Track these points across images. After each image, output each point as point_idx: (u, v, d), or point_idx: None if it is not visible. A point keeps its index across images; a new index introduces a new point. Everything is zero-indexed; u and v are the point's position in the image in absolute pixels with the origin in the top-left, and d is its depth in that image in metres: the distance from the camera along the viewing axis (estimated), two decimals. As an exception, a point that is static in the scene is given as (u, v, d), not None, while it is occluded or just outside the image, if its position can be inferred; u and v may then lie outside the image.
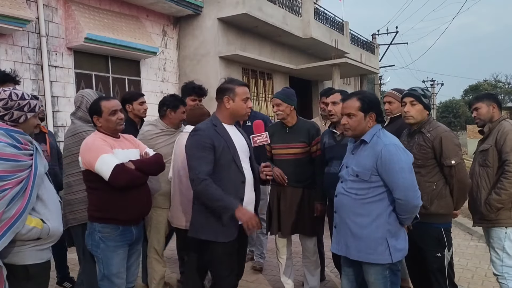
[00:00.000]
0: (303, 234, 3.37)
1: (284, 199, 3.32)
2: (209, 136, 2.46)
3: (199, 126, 2.55)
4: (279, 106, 3.27)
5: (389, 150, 2.21)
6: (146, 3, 9.66)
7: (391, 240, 2.25)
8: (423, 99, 2.75)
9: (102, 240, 2.53)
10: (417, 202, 2.20)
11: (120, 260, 2.59)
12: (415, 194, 2.19)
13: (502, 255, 2.90)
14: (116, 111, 2.61)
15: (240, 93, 2.58)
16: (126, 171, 2.48)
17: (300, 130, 3.33)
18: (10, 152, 1.99)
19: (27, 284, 2.06)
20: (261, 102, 12.67)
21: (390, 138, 2.31)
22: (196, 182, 2.39)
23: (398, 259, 2.27)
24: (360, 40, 18.77)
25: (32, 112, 2.17)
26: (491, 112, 3.05)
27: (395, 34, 28.09)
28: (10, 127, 2.09)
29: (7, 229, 1.92)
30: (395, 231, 2.27)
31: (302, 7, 13.31)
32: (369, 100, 2.34)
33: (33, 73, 7.54)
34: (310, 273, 3.44)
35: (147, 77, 10.03)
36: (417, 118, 2.77)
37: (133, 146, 2.76)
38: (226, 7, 10.43)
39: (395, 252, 2.25)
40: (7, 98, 2.09)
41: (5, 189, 1.93)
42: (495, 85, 46.11)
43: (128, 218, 2.58)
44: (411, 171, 2.22)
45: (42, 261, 2.11)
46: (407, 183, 2.18)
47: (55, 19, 7.97)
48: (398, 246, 2.27)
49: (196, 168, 2.40)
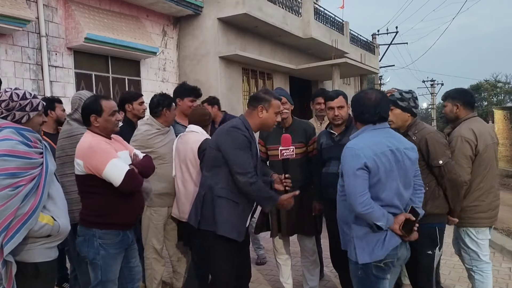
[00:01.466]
0: (303, 234, 3.37)
1: None
2: (248, 137, 2.56)
3: (237, 124, 2.59)
4: (285, 105, 3.26)
5: (345, 152, 2.24)
6: (146, 3, 9.67)
7: (357, 240, 2.26)
8: (399, 102, 2.75)
9: (102, 247, 2.45)
10: (357, 208, 2.15)
11: (117, 266, 2.56)
12: (355, 200, 2.15)
13: (468, 250, 3.01)
14: (116, 112, 2.57)
15: (275, 106, 2.64)
16: (136, 176, 2.46)
17: (297, 130, 3.33)
18: (23, 149, 2.04)
19: (35, 282, 2.09)
20: (261, 102, 12.65)
21: (356, 141, 2.26)
22: (249, 174, 2.47)
23: (365, 261, 2.23)
24: (360, 40, 18.78)
25: (35, 111, 2.18)
26: (454, 112, 3.04)
27: (395, 34, 28.11)
28: (19, 125, 2.11)
29: (22, 225, 1.97)
30: (363, 232, 2.25)
31: (302, 7, 13.31)
32: (352, 103, 2.39)
33: (33, 73, 7.54)
34: (310, 273, 3.43)
35: (147, 77, 10.03)
36: (397, 122, 2.76)
37: (124, 147, 2.70)
38: (226, 7, 10.43)
39: (362, 254, 2.24)
40: (8, 99, 2.10)
41: (19, 186, 1.98)
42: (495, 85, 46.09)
43: (129, 221, 2.57)
44: (356, 177, 2.15)
45: (50, 259, 2.15)
46: (348, 188, 2.19)
47: (55, 19, 7.97)
48: (367, 248, 2.24)
49: (246, 163, 2.49)
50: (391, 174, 2.20)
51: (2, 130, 2.07)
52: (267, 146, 3.39)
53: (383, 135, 2.29)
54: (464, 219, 2.92)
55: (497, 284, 3.77)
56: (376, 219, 2.17)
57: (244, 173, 2.47)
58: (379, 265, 2.24)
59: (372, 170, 2.16)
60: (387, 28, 41.58)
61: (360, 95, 2.36)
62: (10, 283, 1.97)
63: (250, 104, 2.69)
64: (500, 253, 4.69)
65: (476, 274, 3.01)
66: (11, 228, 1.95)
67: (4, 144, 2.00)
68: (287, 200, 2.66)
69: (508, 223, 6.58)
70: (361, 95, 2.35)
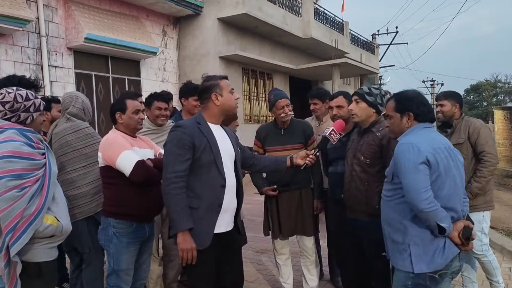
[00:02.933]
0: (302, 234, 3.37)
1: (282, 202, 3.31)
2: (190, 134, 2.32)
3: (182, 123, 2.44)
4: (289, 106, 3.26)
5: (400, 148, 2.11)
6: (146, 3, 9.67)
7: (414, 247, 2.08)
8: (366, 97, 2.73)
9: (115, 235, 2.58)
10: (421, 205, 2.00)
11: (130, 256, 2.64)
12: (418, 196, 2.01)
13: (481, 236, 3.16)
14: (139, 110, 2.71)
15: (225, 86, 2.45)
16: (146, 167, 2.55)
17: (296, 131, 3.32)
18: (27, 151, 2.06)
19: (38, 281, 2.11)
20: (261, 102, 12.67)
21: (411, 137, 2.15)
22: (167, 182, 2.25)
23: (422, 271, 2.07)
24: (360, 40, 18.78)
25: (38, 111, 2.21)
26: (453, 111, 3.31)
27: (395, 34, 28.12)
28: (22, 126, 2.13)
29: (28, 226, 2.00)
30: (422, 238, 2.08)
31: (302, 7, 13.31)
32: (405, 99, 2.26)
33: (33, 73, 7.54)
34: (310, 273, 3.43)
35: (147, 77, 10.03)
36: (361, 116, 2.74)
37: (149, 146, 2.84)
38: (226, 7, 10.43)
39: (418, 262, 2.07)
40: (12, 100, 2.11)
41: (25, 187, 2.00)
42: (495, 85, 46.09)
43: (142, 214, 2.63)
44: (418, 171, 2.03)
45: (51, 259, 2.17)
46: (409, 185, 2.04)
47: (55, 19, 7.97)
48: (425, 256, 2.07)
49: (169, 166, 2.28)
50: (449, 172, 2.09)
51: (5, 131, 2.07)
52: (266, 148, 3.37)
53: (435, 133, 2.24)
54: (482, 204, 3.17)
55: (497, 284, 3.77)
56: (440, 219, 2.01)
57: (164, 175, 2.28)
58: (434, 276, 2.08)
59: (432, 166, 2.04)
60: (387, 28, 41.68)
61: (415, 94, 2.29)
62: (12, 283, 1.98)
63: (202, 98, 2.48)
64: (500, 253, 4.69)
65: (490, 255, 3.24)
66: (18, 229, 1.97)
67: (9, 146, 2.01)
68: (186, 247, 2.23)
69: (508, 223, 6.58)
70: (415, 94, 2.29)
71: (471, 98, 47.85)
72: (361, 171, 2.70)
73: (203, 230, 2.30)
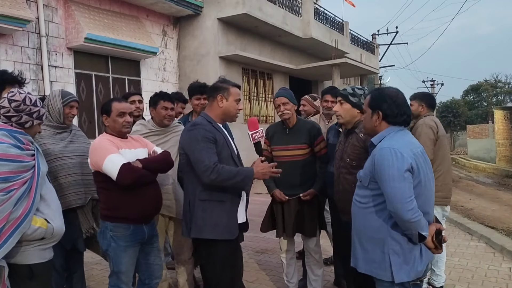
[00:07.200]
0: (303, 235, 3.38)
1: (288, 203, 3.32)
2: (210, 130, 2.45)
3: (197, 121, 2.52)
4: (286, 105, 3.23)
5: (382, 154, 1.99)
6: (146, 3, 9.67)
7: (394, 256, 2.00)
8: (350, 98, 2.71)
9: (113, 239, 2.57)
10: (406, 216, 1.91)
11: (129, 259, 2.63)
12: (403, 206, 1.91)
13: None
14: (124, 113, 2.64)
15: (234, 94, 2.57)
16: (132, 169, 2.50)
17: (301, 131, 3.30)
18: (15, 153, 2.02)
19: (31, 283, 2.08)
20: (261, 102, 12.68)
21: (390, 141, 2.04)
22: (209, 171, 2.33)
23: (403, 280, 2.00)
24: (360, 40, 18.79)
25: (39, 120, 2.21)
26: (419, 110, 3.53)
27: (395, 34, 28.15)
28: (12, 127, 2.11)
29: (14, 229, 1.95)
30: (402, 247, 2.01)
31: (302, 7, 13.32)
32: (379, 97, 2.15)
33: (33, 73, 7.54)
34: (313, 273, 3.43)
35: (147, 77, 10.03)
36: (345, 117, 2.73)
37: (141, 145, 2.79)
38: (226, 7, 10.44)
39: (399, 272, 1.99)
40: (21, 101, 2.12)
41: (12, 190, 1.96)
42: (495, 85, 46.10)
43: (138, 216, 2.61)
44: (403, 180, 1.93)
45: (44, 261, 2.14)
46: (395, 194, 1.93)
47: (55, 19, 7.97)
48: (406, 266, 2.00)
49: (204, 159, 2.36)
50: (427, 176, 2.02)
51: None
52: (272, 147, 3.38)
53: (410, 136, 2.15)
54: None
55: (497, 284, 3.77)
56: (421, 228, 1.94)
57: (203, 171, 2.36)
58: (416, 283, 2.04)
59: (415, 172, 1.96)
60: (387, 28, 41.75)
61: (390, 93, 2.14)
62: (4, 286, 1.96)
63: (209, 95, 2.60)
64: (500, 253, 4.69)
65: None
66: (3, 233, 1.92)
67: None
68: (263, 169, 2.50)
69: (508, 223, 6.60)
70: (391, 93, 2.13)
71: (471, 98, 47.89)
72: (347, 173, 2.69)
73: (231, 221, 2.48)
